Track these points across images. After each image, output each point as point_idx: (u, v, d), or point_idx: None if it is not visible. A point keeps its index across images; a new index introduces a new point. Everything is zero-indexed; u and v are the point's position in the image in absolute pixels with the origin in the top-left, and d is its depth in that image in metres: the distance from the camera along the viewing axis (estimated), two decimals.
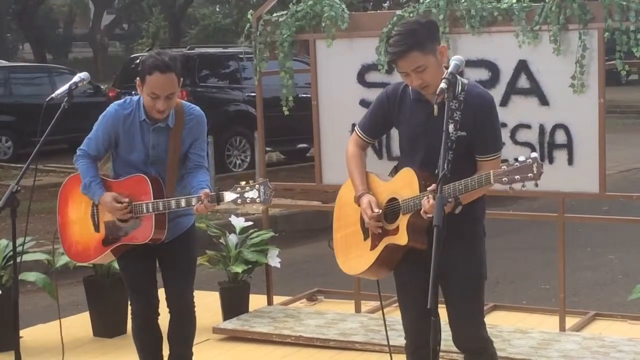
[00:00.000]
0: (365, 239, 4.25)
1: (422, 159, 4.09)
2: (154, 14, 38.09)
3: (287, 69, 6.65)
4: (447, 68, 4.04)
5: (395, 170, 4.27)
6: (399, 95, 4.18)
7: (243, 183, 4.57)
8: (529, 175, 3.67)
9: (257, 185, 4.51)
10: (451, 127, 3.97)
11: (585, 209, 8.99)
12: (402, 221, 4.05)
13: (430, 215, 3.83)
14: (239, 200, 4.54)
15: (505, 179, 3.71)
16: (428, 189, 3.88)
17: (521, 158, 3.70)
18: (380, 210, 4.13)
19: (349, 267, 4.38)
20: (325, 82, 6.60)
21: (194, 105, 5.01)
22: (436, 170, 3.88)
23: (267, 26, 6.67)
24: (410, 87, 4.13)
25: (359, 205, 4.21)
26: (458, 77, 4.00)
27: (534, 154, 3.71)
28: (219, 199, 4.59)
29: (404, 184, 4.06)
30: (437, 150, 3.83)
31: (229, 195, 4.56)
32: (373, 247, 4.18)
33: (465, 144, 4.03)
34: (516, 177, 3.69)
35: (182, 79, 4.78)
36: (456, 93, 4.00)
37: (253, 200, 4.51)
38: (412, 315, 4.25)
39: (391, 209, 4.14)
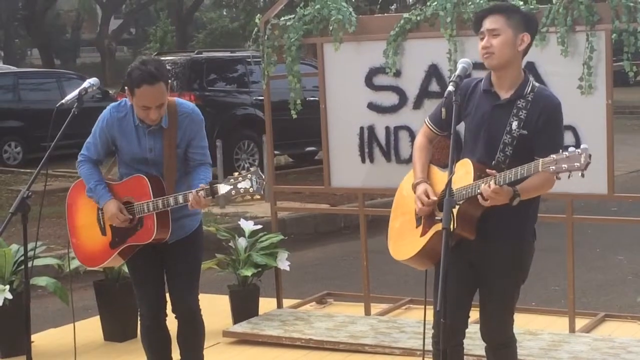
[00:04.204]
0: (417, 226, 4.32)
1: (481, 151, 4.18)
2: (161, 19, 38.15)
3: (294, 72, 6.66)
4: (524, 71, 4.21)
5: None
6: (470, 89, 4.28)
7: (236, 174, 4.64)
8: (576, 165, 3.72)
9: (249, 175, 4.56)
10: (515, 124, 4.11)
11: (594, 210, 8.97)
12: (454, 209, 4.10)
13: (488, 203, 3.95)
14: (233, 192, 4.59)
15: (553, 167, 3.77)
16: (488, 170, 3.96)
17: (571, 149, 3.76)
18: (435, 198, 4.19)
19: (398, 253, 4.43)
20: (333, 85, 6.62)
21: (186, 102, 5.02)
22: (492, 162, 4.06)
23: (274, 30, 6.69)
24: (482, 82, 4.23)
25: (415, 193, 4.28)
26: (530, 78, 4.17)
27: (584, 145, 3.76)
28: (213, 192, 4.63)
29: (461, 174, 4.12)
30: (498, 142, 4.04)
31: (223, 188, 4.60)
32: (423, 234, 4.25)
33: (526, 143, 4.11)
34: (563, 166, 3.75)
35: (170, 81, 4.80)
36: (525, 93, 4.13)
37: (246, 190, 4.57)
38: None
39: None
